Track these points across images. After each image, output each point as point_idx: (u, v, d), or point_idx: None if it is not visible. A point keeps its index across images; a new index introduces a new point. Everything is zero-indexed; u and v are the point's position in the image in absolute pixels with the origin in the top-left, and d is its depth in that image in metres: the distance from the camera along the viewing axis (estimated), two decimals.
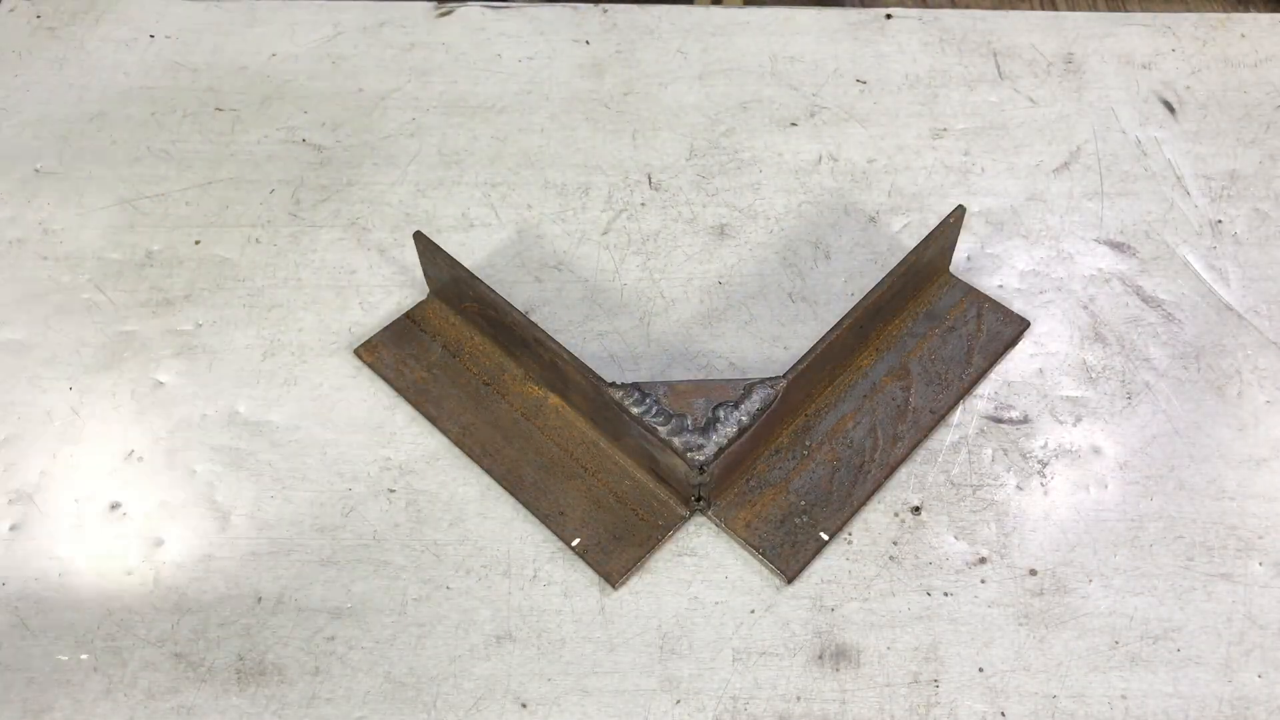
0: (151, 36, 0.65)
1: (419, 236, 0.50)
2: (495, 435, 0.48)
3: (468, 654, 0.43)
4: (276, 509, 0.46)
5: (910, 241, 0.55)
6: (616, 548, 0.45)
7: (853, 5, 0.66)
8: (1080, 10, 0.70)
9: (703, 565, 0.45)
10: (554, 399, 0.49)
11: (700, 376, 0.51)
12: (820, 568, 0.45)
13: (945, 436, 0.48)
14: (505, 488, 0.47)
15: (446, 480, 0.47)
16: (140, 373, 0.51)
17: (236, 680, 0.42)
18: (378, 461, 0.48)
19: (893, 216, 0.56)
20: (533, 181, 0.58)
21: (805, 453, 0.48)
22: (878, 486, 0.47)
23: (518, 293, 0.53)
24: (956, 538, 0.45)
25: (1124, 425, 0.49)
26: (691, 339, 0.52)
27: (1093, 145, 0.59)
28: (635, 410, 0.44)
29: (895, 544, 0.45)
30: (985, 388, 0.50)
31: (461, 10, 0.66)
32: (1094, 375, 0.50)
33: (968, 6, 0.66)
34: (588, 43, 0.65)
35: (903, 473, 0.47)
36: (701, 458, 0.43)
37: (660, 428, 0.43)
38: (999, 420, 0.49)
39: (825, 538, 0.45)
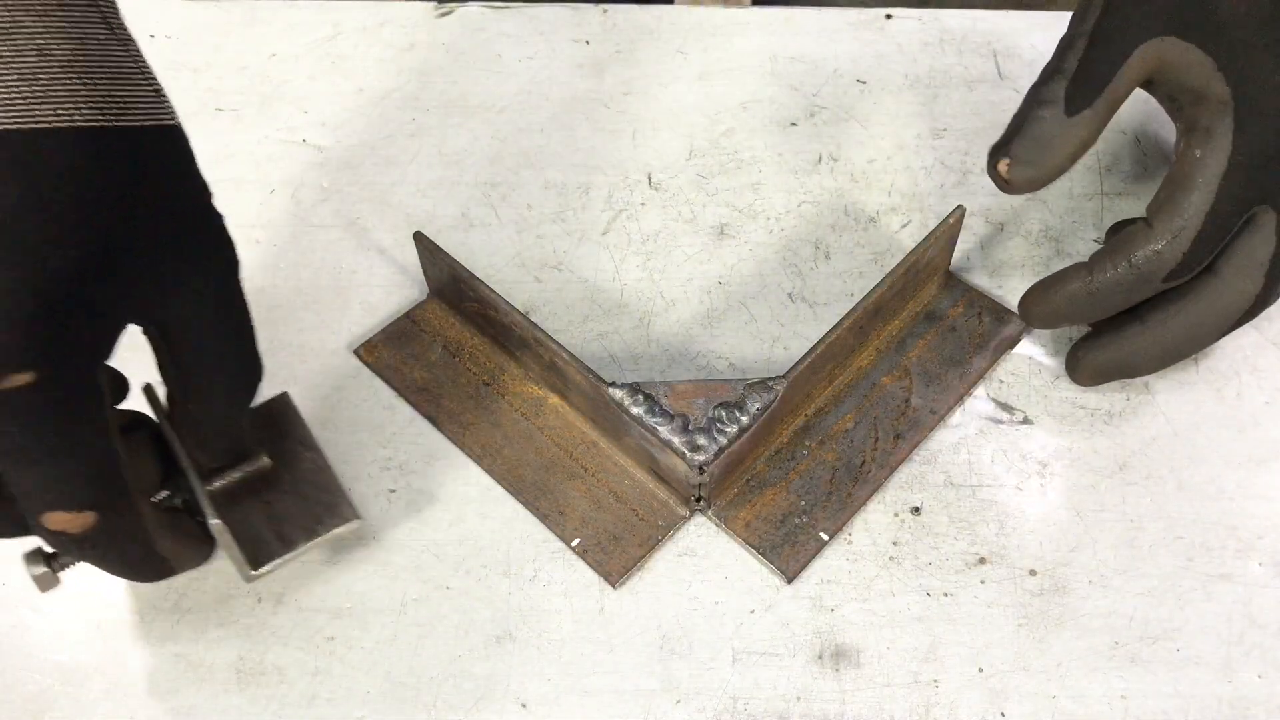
0: (151, 36, 0.65)
1: (419, 236, 0.50)
2: (495, 435, 0.48)
3: (468, 654, 0.43)
4: None
5: (910, 241, 0.55)
6: (616, 548, 0.45)
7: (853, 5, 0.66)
8: None
9: (703, 565, 0.45)
10: (554, 399, 0.49)
11: (700, 376, 0.51)
12: (820, 568, 0.45)
13: (945, 436, 0.48)
14: (505, 488, 0.47)
15: (446, 480, 0.47)
16: (141, 372, 0.51)
17: (236, 680, 0.42)
18: (378, 461, 0.48)
19: (893, 216, 0.56)
20: (533, 181, 0.58)
21: (805, 453, 0.48)
22: (878, 486, 0.47)
23: (518, 293, 0.53)
24: (956, 538, 0.45)
25: (1123, 425, 0.49)
26: (691, 339, 0.52)
27: (1092, 145, 0.59)
28: (635, 410, 0.44)
29: (895, 544, 0.45)
30: (985, 388, 0.50)
31: (461, 10, 0.66)
32: None
33: (968, 6, 0.66)
34: (588, 43, 0.65)
35: (903, 473, 0.47)
36: (702, 458, 0.43)
37: (660, 428, 0.43)
38: (999, 421, 0.49)
39: (825, 538, 0.45)
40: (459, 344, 0.51)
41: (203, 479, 0.40)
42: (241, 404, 0.41)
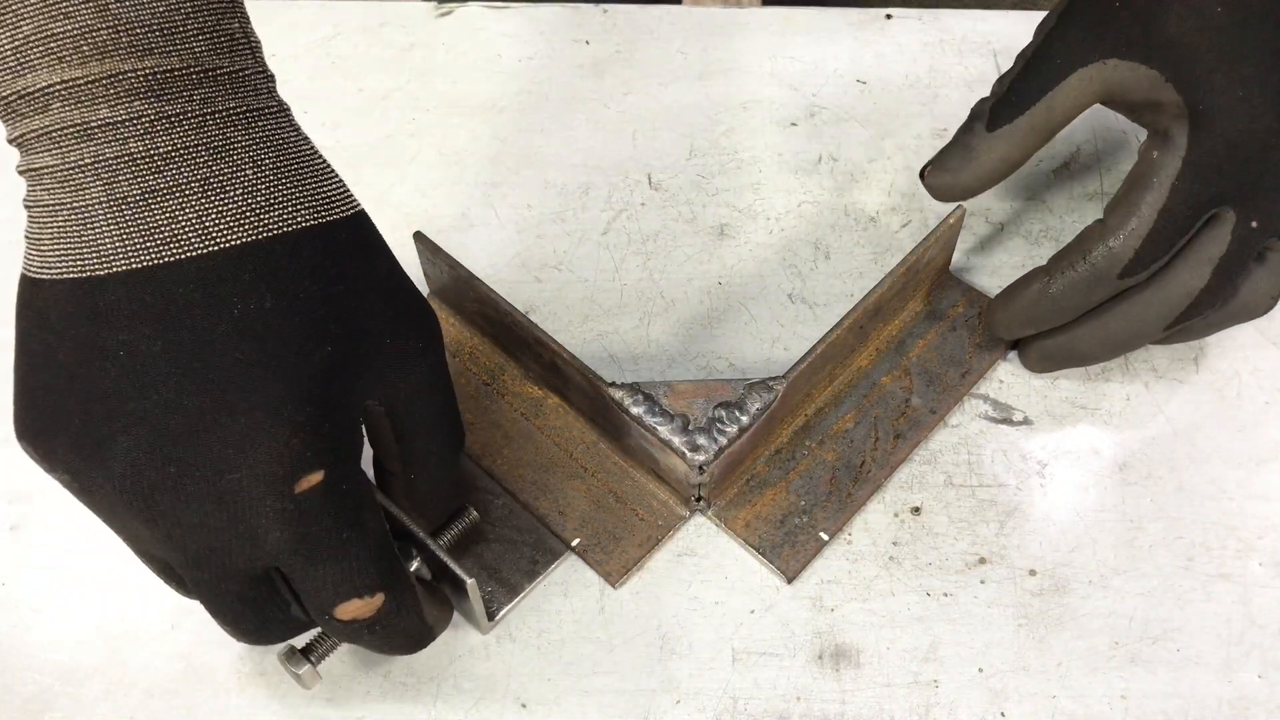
0: None
1: (419, 236, 0.50)
2: (495, 435, 0.48)
3: (468, 654, 0.43)
4: None
5: (910, 241, 0.55)
6: (616, 548, 0.45)
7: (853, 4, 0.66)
8: None
9: (703, 565, 0.45)
10: (554, 399, 0.49)
11: (700, 376, 0.51)
12: (820, 568, 0.45)
13: (945, 436, 0.48)
14: (505, 488, 0.47)
15: None
16: None
17: (236, 680, 0.42)
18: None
19: (893, 216, 0.56)
20: (533, 181, 0.58)
21: (805, 453, 0.48)
22: (878, 486, 0.47)
23: (518, 293, 0.53)
24: (956, 538, 0.45)
25: (1123, 426, 0.49)
26: (691, 339, 0.52)
27: (1092, 145, 0.59)
28: (635, 410, 0.44)
29: (895, 544, 0.45)
30: (985, 388, 0.50)
31: (461, 10, 0.66)
32: (1093, 375, 0.50)
33: (968, 6, 0.66)
34: (588, 43, 0.65)
35: (903, 473, 0.47)
36: (702, 458, 0.43)
37: (660, 428, 0.43)
38: (999, 420, 0.49)
39: (825, 538, 0.45)
40: (459, 344, 0.51)
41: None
42: (455, 465, 0.42)
